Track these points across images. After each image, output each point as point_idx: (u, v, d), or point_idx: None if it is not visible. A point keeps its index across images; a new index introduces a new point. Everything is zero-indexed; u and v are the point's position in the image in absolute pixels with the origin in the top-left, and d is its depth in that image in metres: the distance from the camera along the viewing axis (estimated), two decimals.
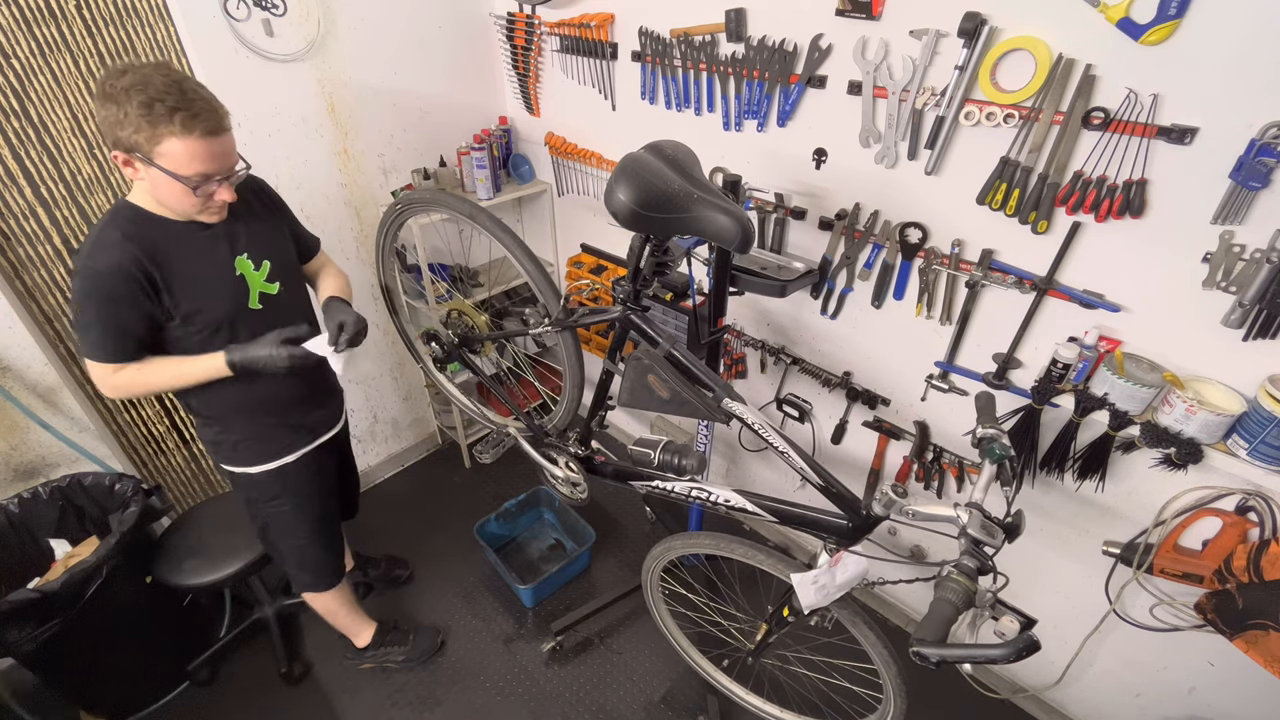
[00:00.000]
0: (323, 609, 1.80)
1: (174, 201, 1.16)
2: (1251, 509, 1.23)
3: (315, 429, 1.55)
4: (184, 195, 1.14)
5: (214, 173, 1.13)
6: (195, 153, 1.09)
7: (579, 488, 1.68)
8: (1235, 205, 1.06)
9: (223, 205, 1.22)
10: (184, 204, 1.17)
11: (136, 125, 1.04)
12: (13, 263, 1.69)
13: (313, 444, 1.54)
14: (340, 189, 2.10)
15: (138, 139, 1.06)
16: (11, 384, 1.72)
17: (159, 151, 1.07)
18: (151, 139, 1.05)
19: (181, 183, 1.11)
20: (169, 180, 1.10)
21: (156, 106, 1.03)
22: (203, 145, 1.09)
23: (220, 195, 1.17)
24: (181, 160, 1.08)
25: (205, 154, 1.10)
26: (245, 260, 1.31)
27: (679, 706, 1.89)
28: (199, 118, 1.07)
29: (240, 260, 1.30)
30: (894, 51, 1.35)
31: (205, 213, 1.21)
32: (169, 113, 1.04)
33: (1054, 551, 1.61)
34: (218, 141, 1.11)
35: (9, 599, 1.44)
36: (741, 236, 1.09)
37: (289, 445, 1.50)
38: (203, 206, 1.18)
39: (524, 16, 2.09)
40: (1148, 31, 1.04)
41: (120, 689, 1.83)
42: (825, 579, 1.18)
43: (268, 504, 1.53)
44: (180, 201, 1.16)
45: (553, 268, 2.62)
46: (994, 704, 1.86)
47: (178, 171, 1.09)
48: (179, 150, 1.07)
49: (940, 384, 1.60)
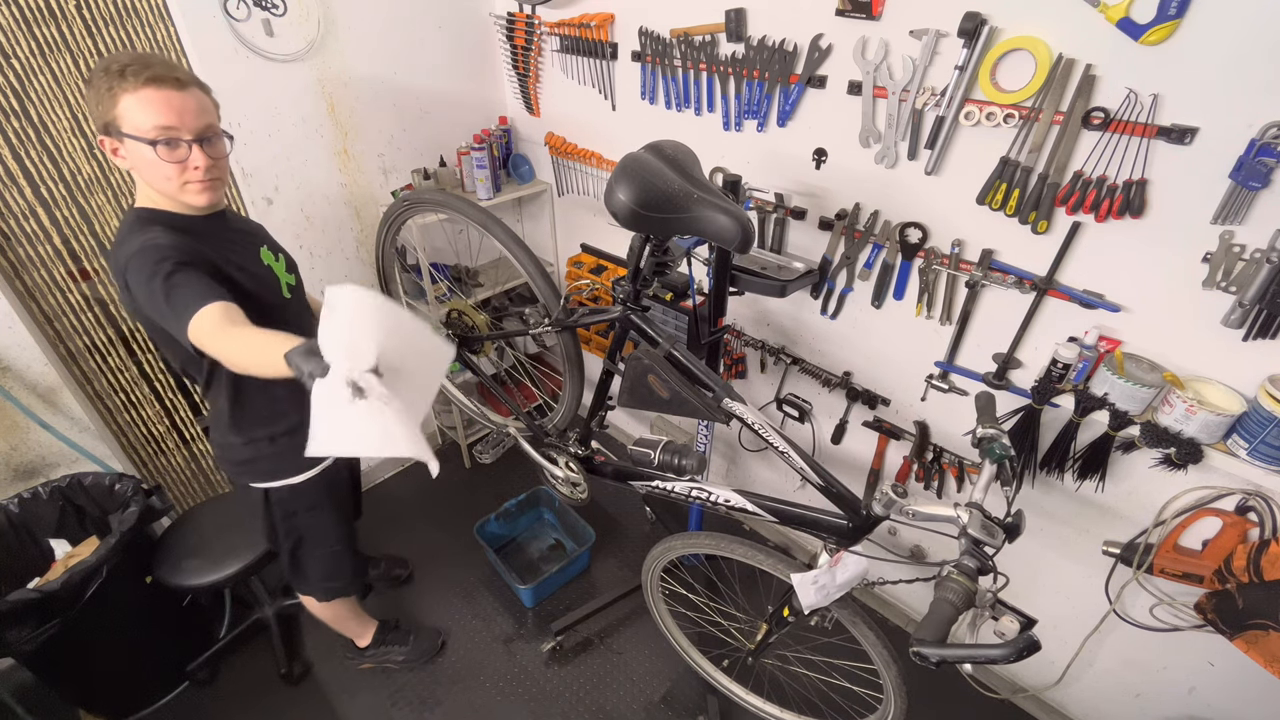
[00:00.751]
0: (331, 615, 1.78)
1: (152, 177, 1.10)
2: (1251, 509, 1.23)
3: None
4: (155, 164, 1.07)
5: (175, 126, 1.06)
6: (148, 102, 1.03)
7: (579, 488, 1.68)
8: (1235, 205, 1.06)
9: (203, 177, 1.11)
10: (160, 177, 1.09)
11: (99, 96, 1.03)
12: (13, 263, 1.69)
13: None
14: (340, 189, 2.10)
15: (101, 110, 1.04)
16: (11, 384, 1.72)
17: (118, 115, 1.04)
18: (111, 104, 1.03)
19: (146, 145, 1.05)
20: (139, 149, 1.05)
21: (113, 69, 1.03)
22: (155, 94, 1.04)
23: (194, 158, 1.09)
24: (138, 116, 1.04)
25: (160, 103, 1.04)
26: (267, 252, 1.30)
27: (679, 706, 1.89)
28: (147, 69, 1.04)
29: (264, 251, 1.29)
30: (894, 51, 1.35)
31: (188, 189, 1.12)
32: (121, 70, 1.03)
33: (1054, 551, 1.61)
34: (175, 95, 1.05)
35: (9, 599, 1.44)
36: (741, 236, 1.09)
37: None
38: (181, 178, 1.10)
39: (524, 16, 2.09)
40: (1148, 31, 1.04)
41: (120, 689, 1.83)
42: (825, 579, 1.18)
43: (307, 513, 1.48)
44: (156, 175, 1.09)
45: (553, 268, 2.62)
46: (994, 704, 1.86)
47: (139, 133, 1.04)
48: (133, 105, 1.03)
49: (940, 384, 1.60)
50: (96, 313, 1.86)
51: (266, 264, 1.28)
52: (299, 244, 2.07)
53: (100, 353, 1.91)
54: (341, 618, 1.81)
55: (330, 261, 2.16)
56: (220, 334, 0.99)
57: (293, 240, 2.04)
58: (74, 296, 1.81)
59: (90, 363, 1.91)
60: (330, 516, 1.53)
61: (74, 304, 1.81)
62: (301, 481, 1.42)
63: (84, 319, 1.84)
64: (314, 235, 2.09)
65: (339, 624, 1.84)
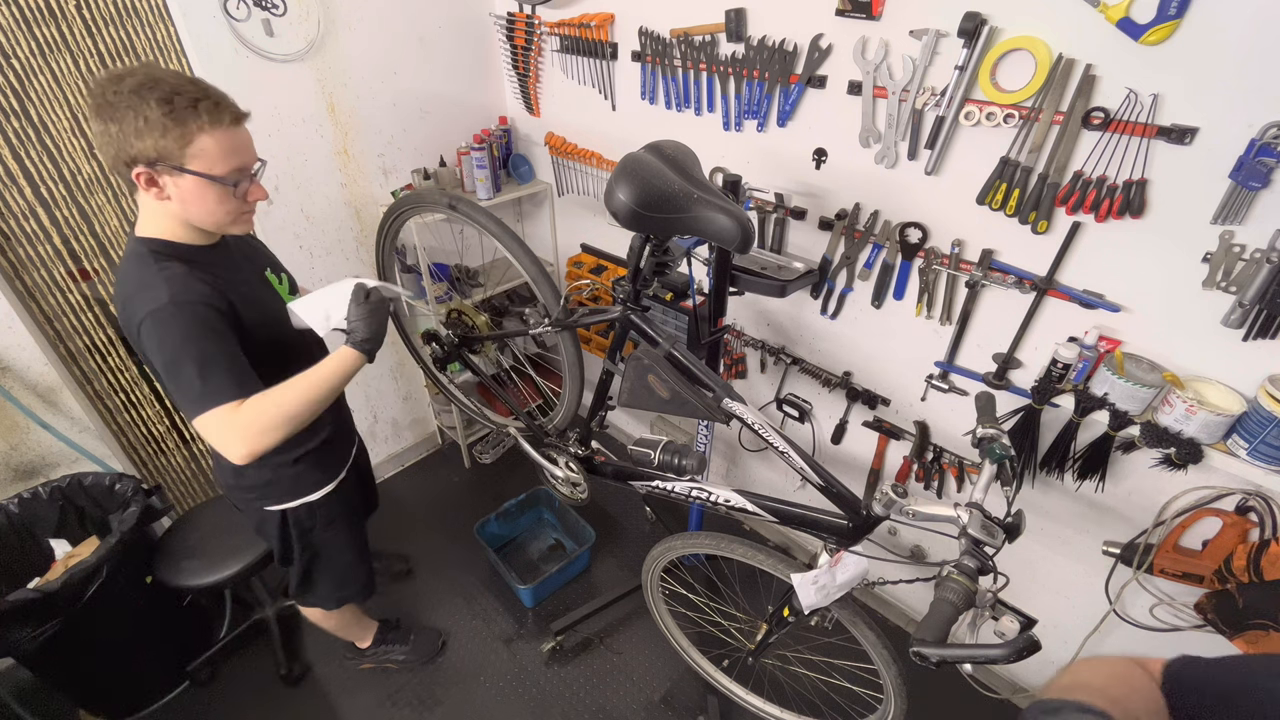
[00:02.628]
0: (335, 624, 1.77)
1: (208, 213, 1.03)
2: (1251, 509, 1.23)
3: (347, 448, 1.50)
4: (221, 200, 1.02)
5: (248, 166, 1.04)
6: (228, 145, 0.98)
7: (579, 488, 1.68)
8: (1235, 205, 1.06)
9: (254, 208, 1.11)
10: (220, 213, 1.04)
11: (162, 128, 0.92)
12: (13, 263, 1.69)
13: (348, 461, 1.47)
14: (340, 189, 2.10)
15: (164, 144, 0.93)
16: (11, 384, 1.72)
17: (190, 154, 0.95)
18: (181, 139, 0.93)
19: (219, 185, 0.99)
20: (203, 187, 0.99)
21: (177, 100, 0.92)
22: (233, 136, 0.99)
23: (254, 194, 1.07)
24: (216, 157, 0.97)
25: (239, 145, 1.00)
26: (271, 275, 1.25)
27: (679, 706, 1.89)
28: (221, 105, 0.97)
29: (268, 275, 1.24)
30: (894, 51, 1.35)
31: (239, 221, 1.08)
32: (192, 104, 0.93)
33: (1054, 551, 1.61)
34: (244, 131, 1.02)
35: (9, 599, 1.44)
36: (741, 236, 1.09)
37: (339, 460, 1.43)
38: (239, 211, 1.06)
39: (524, 16, 2.09)
40: (1148, 31, 1.04)
41: (120, 689, 1.83)
42: (825, 579, 1.18)
43: (324, 529, 1.43)
44: (215, 211, 1.03)
45: (553, 268, 2.62)
46: (994, 704, 1.86)
47: (213, 172, 0.98)
48: (211, 147, 0.96)
49: (940, 384, 1.60)
50: (96, 313, 1.86)
51: (274, 288, 1.25)
52: (299, 244, 2.07)
53: (100, 353, 1.91)
54: (345, 624, 1.81)
55: (330, 261, 2.16)
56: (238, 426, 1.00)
57: (292, 240, 2.05)
58: (74, 296, 1.81)
59: (90, 363, 1.91)
60: (346, 528, 1.49)
61: (74, 304, 1.81)
62: (319, 498, 1.38)
63: (84, 319, 1.84)
64: (314, 235, 2.09)
65: (342, 630, 1.83)
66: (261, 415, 1.01)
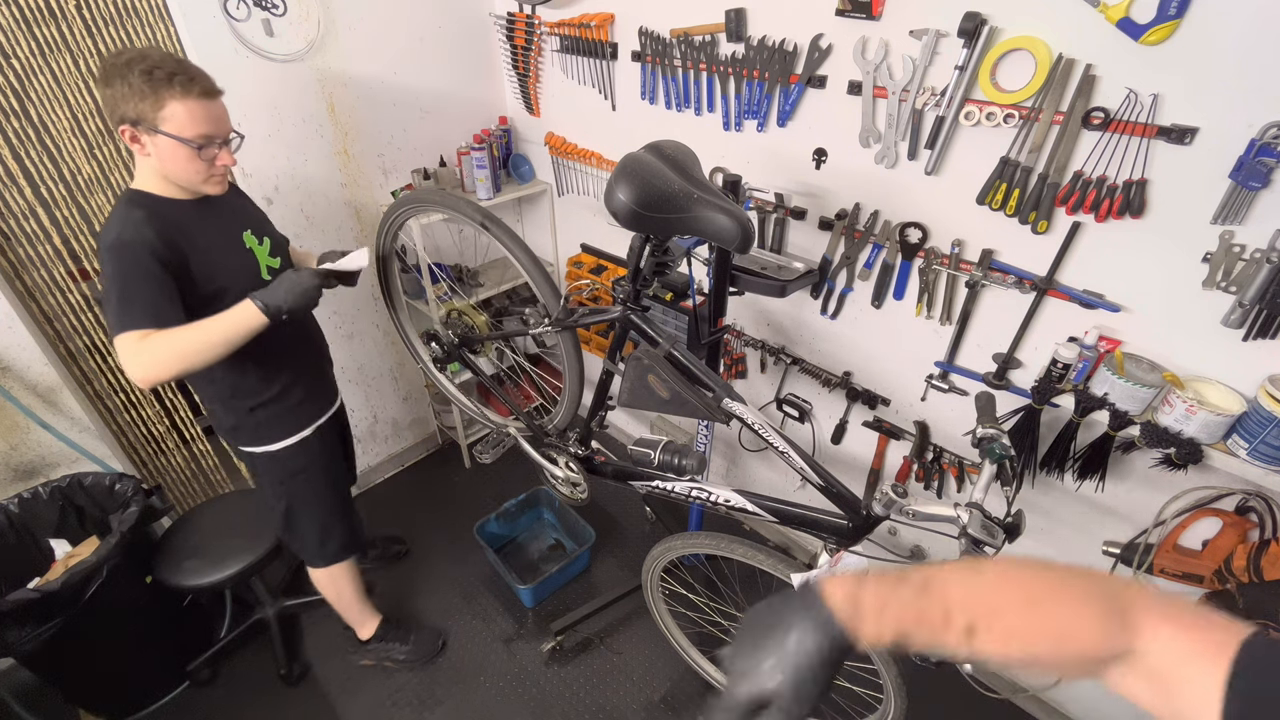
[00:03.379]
0: (334, 593, 1.82)
1: (180, 171, 1.21)
2: (1251, 509, 1.23)
3: (327, 398, 1.63)
4: (189, 160, 1.19)
5: (214, 135, 1.19)
6: (196, 113, 1.15)
7: (579, 488, 1.68)
8: (1235, 205, 1.06)
9: (225, 172, 1.27)
10: (189, 172, 1.21)
11: (140, 93, 1.10)
12: (13, 263, 1.69)
13: (325, 415, 1.61)
14: (340, 189, 2.10)
15: (142, 108, 1.11)
16: (11, 384, 1.72)
17: (162, 116, 1.13)
18: (155, 104, 1.11)
19: (186, 146, 1.16)
20: (174, 147, 1.16)
21: (156, 73, 1.10)
22: (202, 106, 1.15)
23: (222, 159, 1.23)
24: (184, 122, 1.14)
25: (205, 115, 1.16)
26: (250, 235, 1.38)
27: (679, 706, 1.89)
28: (195, 80, 1.14)
29: (247, 235, 1.37)
30: (894, 51, 1.35)
31: (210, 182, 1.25)
32: (168, 77, 1.11)
33: (1054, 551, 1.61)
34: (215, 104, 1.18)
35: (9, 599, 1.44)
36: (741, 236, 1.09)
37: (308, 417, 1.55)
38: (207, 173, 1.23)
39: (524, 16, 2.09)
40: (1148, 31, 1.04)
41: (120, 689, 1.83)
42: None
43: (294, 479, 1.57)
44: (186, 170, 1.20)
45: (553, 268, 2.62)
46: (994, 704, 1.86)
47: (181, 134, 1.15)
48: (181, 112, 1.13)
49: (940, 384, 1.60)
50: (96, 313, 1.86)
51: (248, 247, 1.37)
52: (299, 244, 2.05)
53: (100, 353, 1.91)
54: (345, 598, 1.84)
55: None
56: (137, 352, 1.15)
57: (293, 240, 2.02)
58: (74, 296, 1.81)
59: (90, 363, 1.92)
60: (318, 481, 1.62)
61: (74, 304, 1.81)
62: (281, 448, 1.51)
63: (84, 319, 1.84)
64: (314, 235, 2.09)
65: (342, 605, 1.86)
66: (159, 350, 1.17)
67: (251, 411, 1.45)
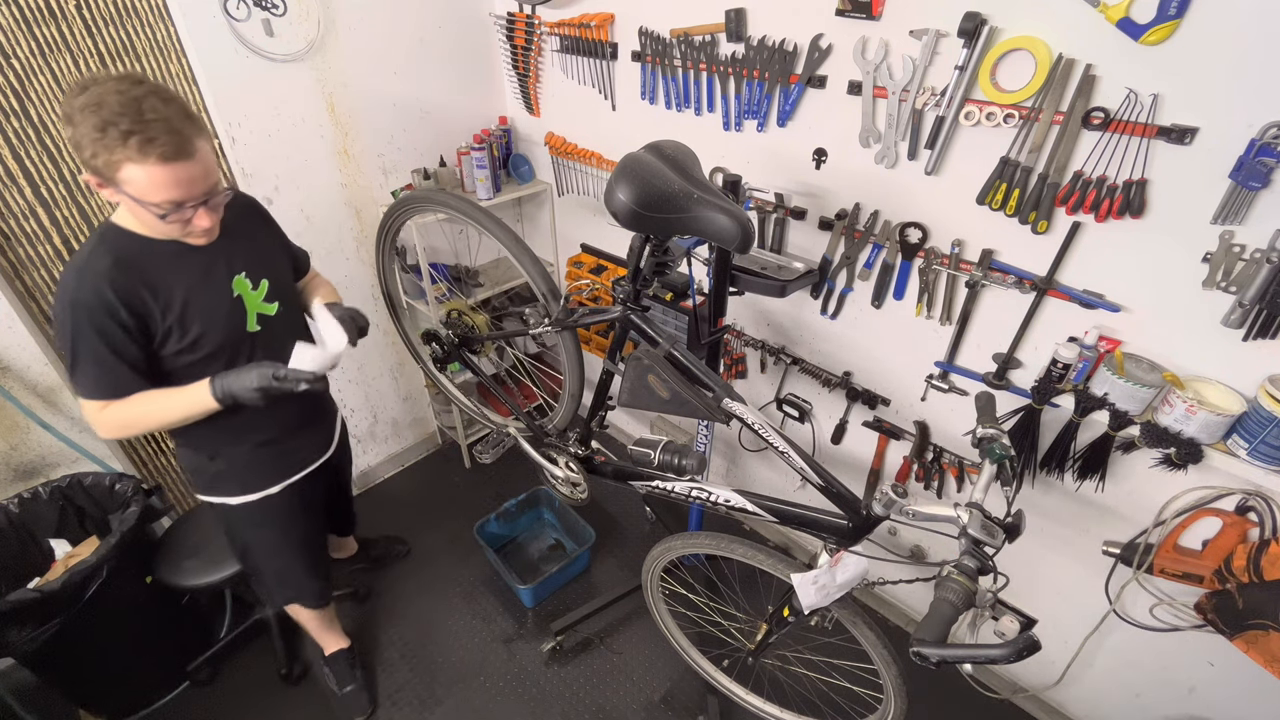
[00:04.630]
0: (304, 616, 1.77)
1: (150, 228, 1.11)
2: (1251, 509, 1.23)
3: (306, 456, 1.49)
4: (157, 222, 1.06)
5: (184, 199, 1.04)
6: (157, 179, 0.99)
7: (579, 488, 1.68)
8: (1235, 205, 1.06)
9: (207, 229, 1.13)
10: (161, 229, 1.10)
11: (93, 149, 0.96)
12: (13, 263, 1.69)
13: (301, 473, 1.48)
14: (340, 189, 2.10)
15: (96, 164, 0.98)
16: (11, 384, 1.72)
17: (120, 178, 0.99)
18: (109, 165, 0.97)
19: (150, 210, 1.03)
20: (138, 207, 1.04)
21: (110, 130, 0.94)
22: (164, 172, 0.99)
23: (198, 222, 1.09)
24: (145, 188, 1.00)
25: (169, 181, 1.00)
26: (243, 280, 1.25)
27: (679, 706, 1.89)
28: (155, 142, 0.96)
29: (238, 280, 1.24)
30: (894, 51, 1.35)
31: (191, 237, 1.14)
32: (122, 137, 0.95)
33: (1054, 551, 1.61)
34: (182, 167, 1.01)
35: (9, 599, 1.44)
36: (741, 236, 1.09)
37: (277, 474, 1.43)
38: (182, 232, 1.11)
39: (524, 16, 2.09)
40: (1148, 31, 1.04)
41: (120, 689, 1.83)
42: (825, 579, 1.18)
43: (248, 530, 1.49)
44: (157, 227, 1.09)
45: (553, 268, 2.62)
46: (994, 704, 1.86)
47: (143, 199, 1.01)
48: (140, 177, 0.98)
49: (940, 384, 1.60)
50: None
51: (238, 294, 1.24)
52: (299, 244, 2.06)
53: None
54: (305, 623, 1.80)
55: (330, 261, 2.16)
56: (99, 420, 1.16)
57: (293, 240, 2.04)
58: None
59: None
60: (276, 541, 1.52)
61: None
62: (239, 504, 1.41)
63: None
64: (314, 235, 2.09)
65: (308, 625, 1.82)
66: (119, 419, 1.15)
67: (212, 459, 1.35)
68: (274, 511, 1.46)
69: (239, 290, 1.24)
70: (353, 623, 2.10)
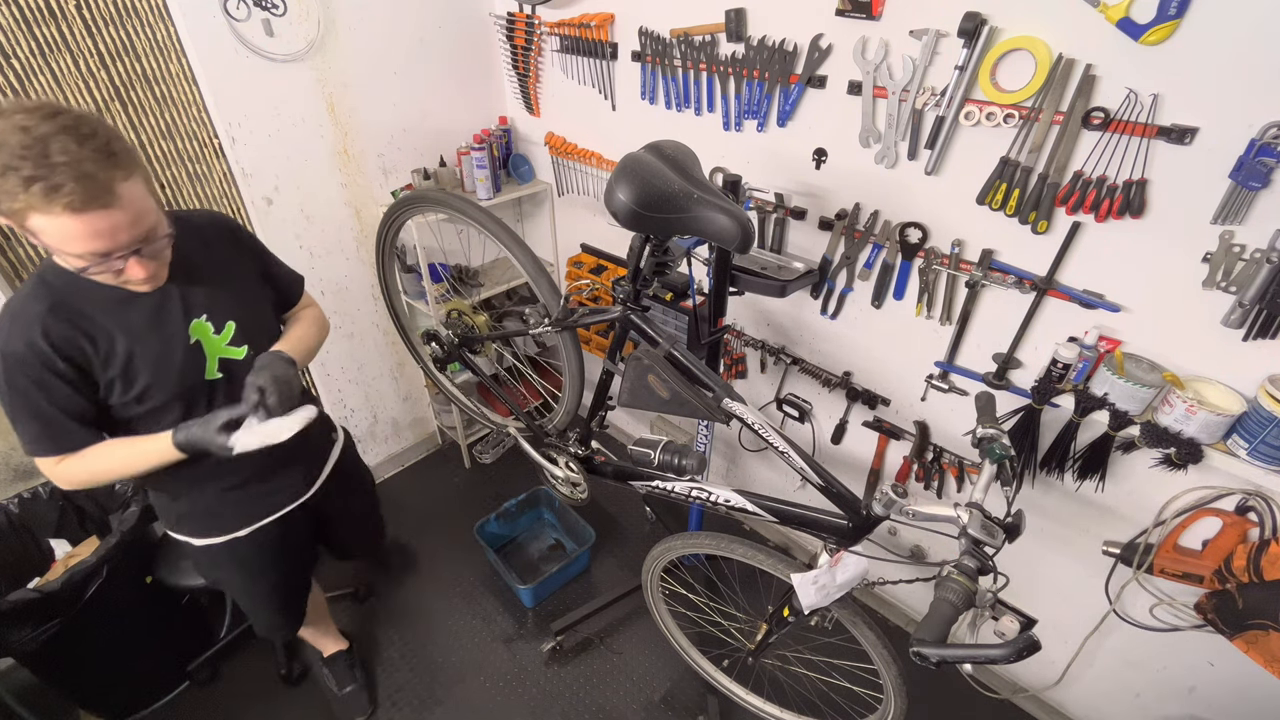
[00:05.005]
0: None
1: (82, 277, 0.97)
2: (1251, 509, 1.23)
3: (279, 500, 1.34)
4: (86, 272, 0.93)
5: (108, 250, 0.90)
6: (69, 232, 0.85)
7: (579, 488, 1.68)
8: (1235, 205, 1.06)
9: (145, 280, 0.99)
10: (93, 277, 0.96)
11: None
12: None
13: (274, 515, 1.33)
14: (340, 189, 2.10)
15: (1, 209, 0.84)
16: None
17: (30, 228, 0.85)
18: (14, 214, 0.84)
19: (69, 262, 0.91)
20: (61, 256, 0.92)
21: (9, 176, 0.80)
22: (76, 223, 0.84)
23: (130, 273, 0.95)
24: (58, 239, 0.86)
25: (83, 232, 0.86)
26: (203, 324, 1.11)
27: (679, 706, 1.89)
28: (61, 190, 0.81)
29: (197, 324, 1.11)
30: (894, 51, 1.35)
31: (129, 285, 1.00)
32: (24, 184, 0.80)
33: (1054, 552, 1.61)
34: (99, 216, 0.86)
35: (9, 599, 1.44)
36: (741, 236, 1.09)
37: (245, 518, 1.30)
38: (116, 282, 0.98)
39: (524, 16, 2.09)
40: (1148, 31, 1.04)
41: (120, 689, 1.83)
42: (825, 579, 1.18)
43: (208, 568, 1.40)
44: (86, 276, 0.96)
45: (553, 268, 2.62)
46: (994, 704, 1.86)
47: (60, 249, 0.88)
48: (49, 228, 0.84)
49: (940, 384, 1.60)
50: None
51: (195, 339, 1.11)
52: (299, 244, 2.07)
53: None
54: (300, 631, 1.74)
55: (330, 261, 2.17)
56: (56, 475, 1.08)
57: (293, 240, 2.05)
58: None
59: None
60: (241, 579, 1.42)
61: None
62: (203, 546, 1.31)
63: None
64: (314, 235, 2.09)
65: (301, 634, 1.77)
66: (76, 473, 1.07)
67: (175, 500, 1.26)
68: (241, 555, 1.34)
69: (197, 335, 1.11)
70: (352, 623, 2.10)
